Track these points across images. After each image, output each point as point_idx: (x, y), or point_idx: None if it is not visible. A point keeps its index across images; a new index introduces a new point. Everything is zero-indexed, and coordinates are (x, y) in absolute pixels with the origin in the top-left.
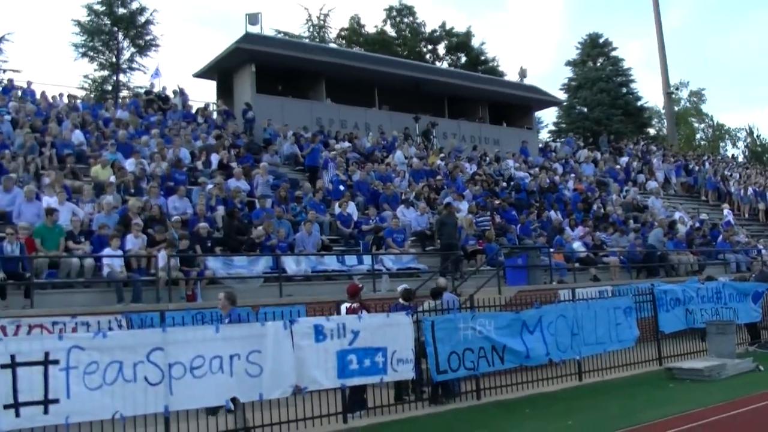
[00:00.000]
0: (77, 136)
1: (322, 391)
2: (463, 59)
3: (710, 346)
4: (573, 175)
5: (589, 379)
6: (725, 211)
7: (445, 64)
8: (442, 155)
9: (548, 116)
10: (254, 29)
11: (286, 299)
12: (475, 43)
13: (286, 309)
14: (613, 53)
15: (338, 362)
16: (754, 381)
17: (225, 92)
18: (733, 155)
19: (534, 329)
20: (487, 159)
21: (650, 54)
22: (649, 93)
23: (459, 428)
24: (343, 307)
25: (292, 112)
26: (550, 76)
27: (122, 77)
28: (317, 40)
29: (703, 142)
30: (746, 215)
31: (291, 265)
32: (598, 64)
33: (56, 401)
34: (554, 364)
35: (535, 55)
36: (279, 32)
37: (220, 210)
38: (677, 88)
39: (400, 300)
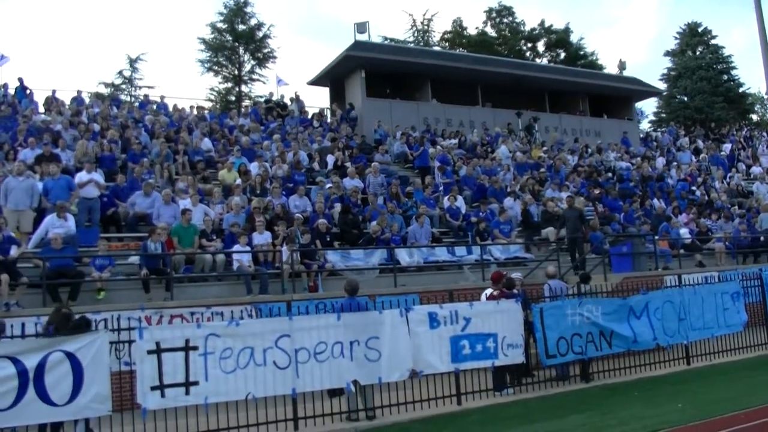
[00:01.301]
0: (206, 143)
1: (437, 375)
2: (563, 55)
3: None
4: (675, 163)
5: (697, 364)
6: None
7: (545, 61)
8: (544, 148)
9: (648, 107)
10: (362, 37)
11: (401, 289)
12: (573, 38)
13: (401, 298)
14: (713, 41)
15: (452, 347)
16: None
17: (337, 97)
18: None
19: (641, 315)
20: (589, 150)
21: (752, 40)
22: (752, 79)
23: (568, 411)
24: (485, 293)
25: (400, 113)
26: (649, 66)
27: (244, 88)
28: (421, 44)
29: None
30: None
31: (404, 256)
32: (698, 53)
33: (196, 383)
34: (662, 349)
35: (634, 47)
36: (386, 39)
37: (337, 207)
38: None
39: (504, 289)
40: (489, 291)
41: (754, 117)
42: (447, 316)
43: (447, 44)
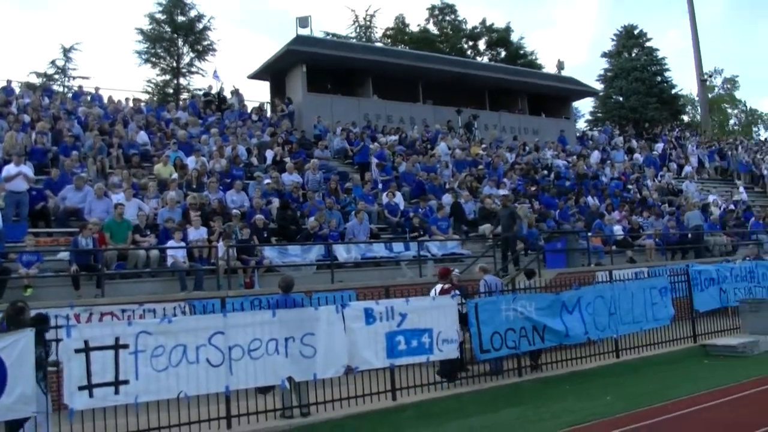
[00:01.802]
0: (142, 137)
1: (373, 371)
2: (503, 54)
3: (744, 323)
4: (609, 162)
5: (626, 357)
6: (741, 188)
7: (485, 59)
8: (483, 146)
9: (585, 106)
10: (304, 32)
11: (338, 285)
12: (514, 38)
13: (338, 294)
14: (648, 43)
15: (387, 343)
16: None
17: (278, 92)
18: (765, 139)
19: (573, 309)
20: (527, 148)
21: (685, 43)
22: (684, 81)
23: (502, 404)
24: (436, 288)
25: (340, 109)
26: (587, 67)
27: (182, 80)
28: (364, 40)
29: (736, 128)
30: None
31: (342, 252)
32: (633, 55)
33: (126, 382)
34: (593, 343)
35: (573, 48)
36: (328, 34)
37: (275, 203)
38: (711, 76)
39: (438, 280)
40: (439, 286)
41: (686, 118)
42: (383, 312)
43: (389, 41)
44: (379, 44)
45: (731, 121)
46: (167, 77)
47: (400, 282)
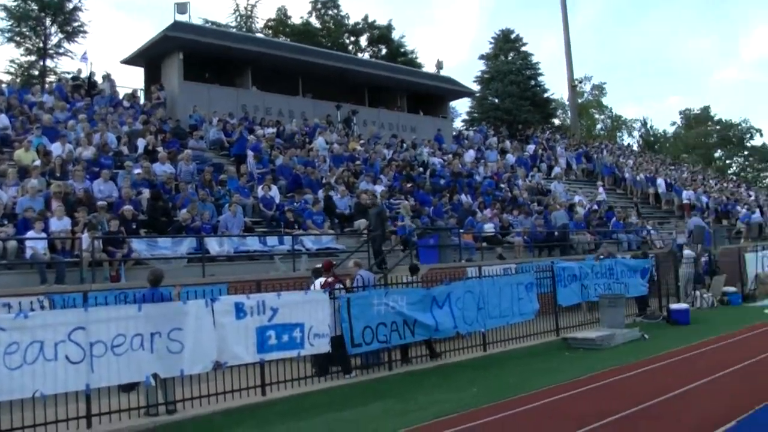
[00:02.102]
0: (2, 120)
1: (242, 366)
2: (384, 51)
3: (602, 317)
4: (483, 161)
5: (493, 350)
6: (599, 189)
7: (366, 56)
8: (361, 142)
9: (462, 106)
10: (183, 18)
11: (209, 279)
12: (395, 35)
13: (209, 288)
14: (524, 48)
15: (258, 338)
16: (640, 348)
17: (153, 79)
18: (628, 144)
19: (443, 304)
20: (404, 146)
21: (558, 50)
22: (556, 86)
23: (371, 398)
24: (318, 281)
25: (218, 99)
26: (466, 68)
27: (49, 63)
28: (244, 29)
29: (602, 132)
30: (638, 199)
31: (214, 246)
32: (509, 58)
33: None
34: (461, 337)
35: (452, 49)
36: (207, 21)
37: (146, 193)
38: (581, 82)
39: (313, 279)
40: (321, 279)
41: (556, 121)
42: (254, 307)
43: (270, 32)
44: (259, 35)
45: (598, 126)
46: (32, 58)
47: (274, 276)
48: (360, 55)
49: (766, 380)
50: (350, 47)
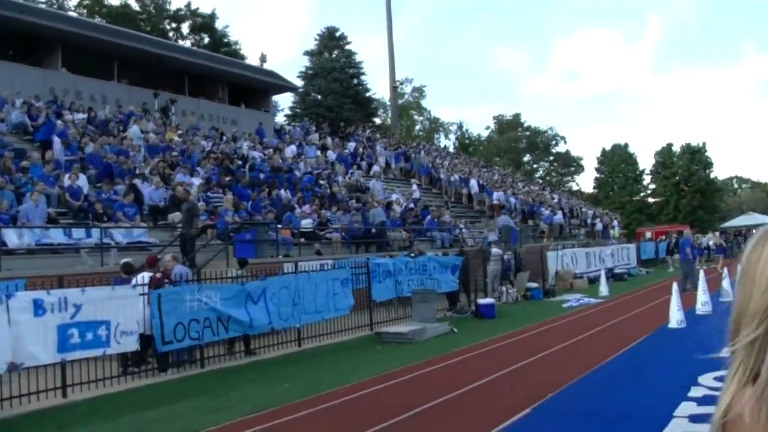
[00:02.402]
0: None
1: (42, 367)
2: (207, 40)
3: (414, 312)
4: (304, 157)
5: (308, 345)
6: (414, 186)
7: (188, 44)
8: (179, 132)
9: (285, 101)
10: None
11: (6, 273)
12: (219, 25)
13: (4, 284)
14: (348, 47)
15: (59, 337)
16: (450, 341)
17: None
18: (444, 146)
19: (258, 300)
20: (224, 138)
21: (381, 51)
22: (378, 86)
23: (181, 396)
24: (144, 276)
25: (23, 80)
26: (290, 63)
27: None
28: (55, 6)
29: (421, 133)
30: (452, 198)
31: (12, 238)
32: (334, 56)
33: None
34: (276, 332)
35: (278, 43)
36: None
37: None
38: (402, 83)
39: (122, 274)
40: (146, 274)
41: (377, 120)
42: (55, 303)
43: (85, 11)
44: (72, 13)
45: (417, 127)
46: None
47: (80, 271)
48: (181, 42)
49: (562, 369)
50: (171, 34)
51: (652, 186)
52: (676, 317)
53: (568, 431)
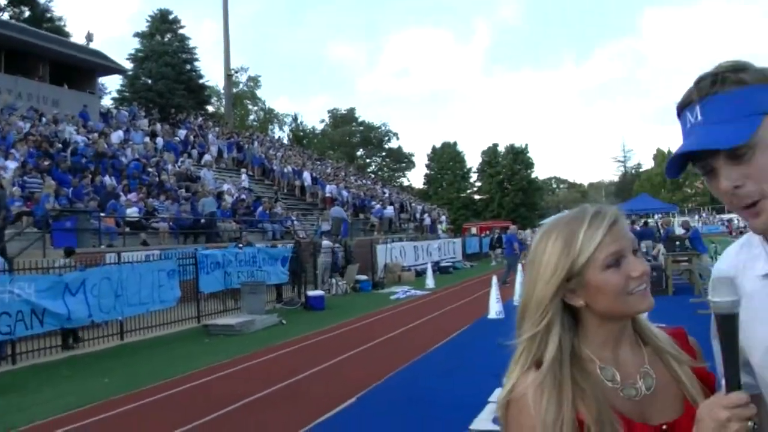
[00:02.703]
0: None
1: None
2: (27, 14)
3: (243, 304)
4: (131, 142)
5: (131, 338)
6: (243, 176)
7: (6, 16)
8: None
9: (113, 84)
10: None
11: None
12: None
13: None
14: (181, 31)
15: None
16: (278, 333)
17: None
18: (279, 137)
19: (77, 291)
20: (44, 120)
21: (217, 37)
22: (212, 73)
23: None
24: None
25: None
26: (121, 45)
27: None
28: None
29: (255, 123)
30: (285, 190)
31: None
32: (166, 39)
33: None
34: (97, 325)
35: (108, 22)
36: None
37: None
38: (237, 72)
39: None
40: None
41: (210, 108)
42: None
43: None
44: None
45: (251, 117)
46: None
47: None
48: None
49: (387, 359)
50: None
51: (479, 184)
52: (495, 309)
53: (389, 419)
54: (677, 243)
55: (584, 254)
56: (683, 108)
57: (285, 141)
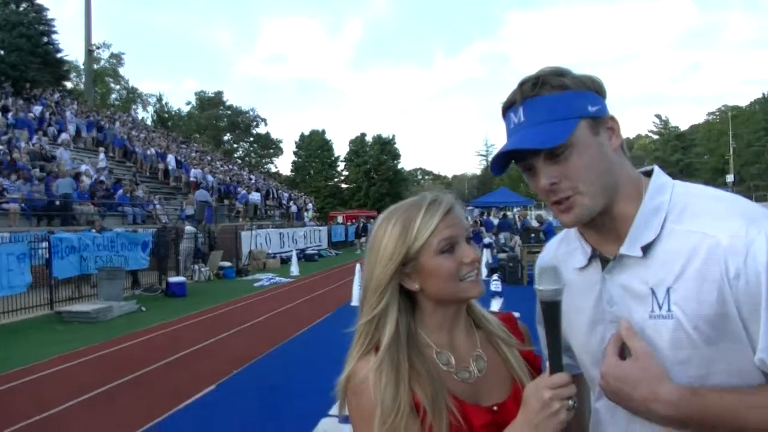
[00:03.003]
0: None
1: None
2: None
3: (100, 290)
4: None
5: None
6: (101, 155)
7: None
8: None
9: None
10: None
11: None
12: None
13: None
14: (38, 1)
15: None
16: (137, 320)
17: None
18: (142, 118)
19: None
20: None
21: (77, 10)
22: (72, 48)
23: None
24: None
25: None
26: None
27: None
28: None
29: (117, 102)
30: (147, 173)
31: None
32: (21, 9)
33: None
34: None
35: None
36: None
37: None
38: (99, 48)
39: None
40: None
41: (69, 84)
42: None
43: None
44: None
45: (113, 96)
46: None
47: None
48: None
49: (248, 346)
50: None
51: (346, 172)
52: (357, 295)
53: (247, 407)
54: (532, 235)
55: (420, 240)
56: (507, 109)
57: (149, 122)
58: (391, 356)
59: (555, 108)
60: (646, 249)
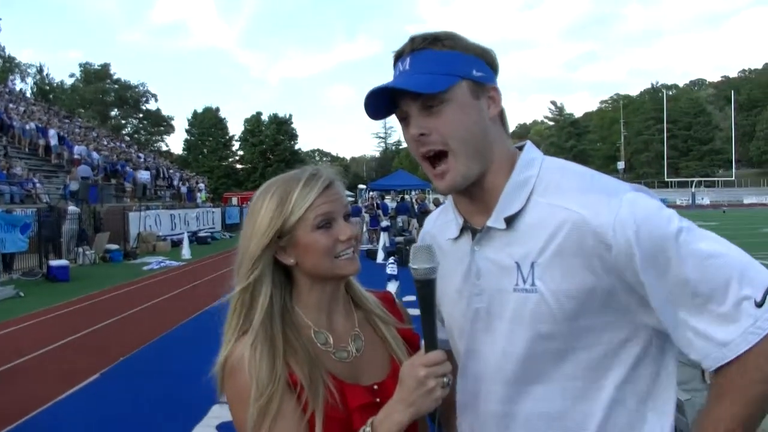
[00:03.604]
0: None
1: None
2: None
3: None
4: None
5: None
6: None
7: None
8: None
9: None
10: None
11: None
12: None
13: None
14: None
15: None
16: (15, 306)
17: None
18: (21, 89)
19: None
20: None
21: None
22: None
23: None
24: None
25: None
26: None
27: None
28: None
29: None
30: (26, 149)
31: None
32: None
33: None
34: None
35: None
36: None
37: None
38: None
39: None
40: None
41: None
42: None
43: None
44: None
45: None
46: None
47: None
48: None
49: (136, 332)
50: None
51: (241, 152)
52: None
53: (134, 394)
54: None
55: (296, 213)
56: (397, 59)
57: (28, 94)
58: (266, 330)
59: (440, 63)
60: (510, 221)
